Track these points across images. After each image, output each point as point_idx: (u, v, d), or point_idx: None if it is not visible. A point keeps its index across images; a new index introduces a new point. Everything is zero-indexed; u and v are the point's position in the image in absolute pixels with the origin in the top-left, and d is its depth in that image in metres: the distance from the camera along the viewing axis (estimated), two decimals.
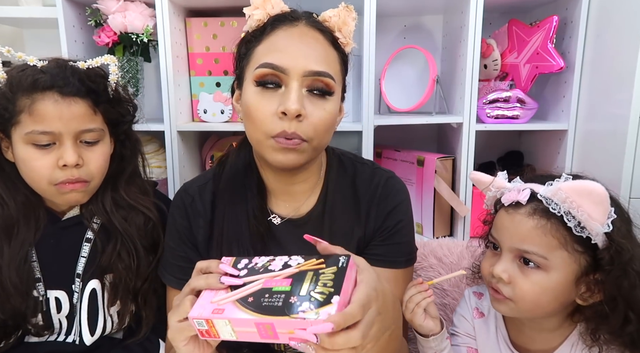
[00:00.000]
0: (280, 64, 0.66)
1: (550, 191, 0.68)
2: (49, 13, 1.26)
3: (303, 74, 0.67)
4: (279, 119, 0.67)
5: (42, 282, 0.82)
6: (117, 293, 0.83)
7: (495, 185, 0.76)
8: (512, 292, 0.70)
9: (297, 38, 0.68)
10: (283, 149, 0.68)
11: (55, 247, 0.84)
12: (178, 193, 0.84)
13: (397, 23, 1.51)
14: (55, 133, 0.75)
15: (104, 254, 0.83)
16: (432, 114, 1.33)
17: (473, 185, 1.30)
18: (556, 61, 1.24)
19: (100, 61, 0.81)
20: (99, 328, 0.84)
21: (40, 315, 0.82)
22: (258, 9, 0.70)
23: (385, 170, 0.85)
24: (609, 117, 1.11)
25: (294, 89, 0.67)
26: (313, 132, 0.68)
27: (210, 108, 1.33)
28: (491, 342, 0.81)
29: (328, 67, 0.69)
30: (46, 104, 0.73)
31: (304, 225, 0.80)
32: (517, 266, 0.70)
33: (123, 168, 0.88)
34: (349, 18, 0.72)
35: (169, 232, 0.83)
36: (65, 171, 0.76)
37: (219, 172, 0.82)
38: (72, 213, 0.86)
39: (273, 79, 0.68)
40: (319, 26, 0.71)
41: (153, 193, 0.92)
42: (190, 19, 1.33)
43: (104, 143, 0.81)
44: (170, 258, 0.82)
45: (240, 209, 0.78)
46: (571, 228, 0.65)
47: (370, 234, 0.81)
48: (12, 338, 0.82)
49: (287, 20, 0.69)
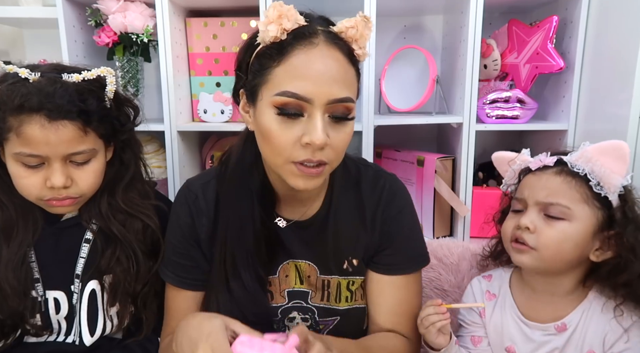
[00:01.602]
0: (304, 94, 0.63)
1: (575, 155, 0.77)
2: (49, 13, 1.26)
3: (327, 102, 0.64)
4: (301, 147, 0.65)
5: (41, 283, 0.82)
6: (116, 295, 0.83)
7: (521, 158, 0.84)
8: (536, 241, 0.76)
9: (318, 61, 0.64)
10: (305, 175, 0.67)
11: (55, 248, 0.83)
12: (181, 190, 0.83)
13: (397, 23, 1.51)
14: (42, 156, 0.73)
15: (103, 256, 0.82)
16: (432, 114, 1.33)
17: (473, 185, 1.30)
18: (556, 61, 1.24)
19: (97, 73, 0.77)
20: (98, 329, 0.84)
21: (38, 315, 0.82)
22: (272, 23, 0.64)
23: (387, 173, 0.85)
24: (609, 117, 1.11)
25: (318, 119, 0.64)
26: (335, 155, 0.68)
27: (210, 108, 1.33)
28: (505, 319, 0.84)
29: (349, 90, 0.66)
30: (33, 128, 0.70)
31: (309, 227, 0.80)
32: (542, 218, 0.76)
33: (122, 172, 0.86)
34: (367, 29, 0.68)
35: (171, 229, 0.82)
36: (52, 190, 0.75)
37: (223, 170, 0.81)
38: (71, 214, 0.85)
39: (295, 108, 0.64)
40: (336, 41, 0.66)
41: (154, 193, 0.92)
42: (190, 19, 1.33)
43: (96, 159, 0.79)
44: (171, 255, 0.81)
45: (244, 211, 0.76)
46: (592, 187, 0.74)
47: (377, 240, 0.81)
48: (10, 338, 0.82)
49: (305, 37, 0.65)
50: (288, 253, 0.81)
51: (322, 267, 0.81)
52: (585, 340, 0.78)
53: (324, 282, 0.81)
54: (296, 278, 0.81)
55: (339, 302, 0.81)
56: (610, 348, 0.76)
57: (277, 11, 0.64)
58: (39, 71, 0.75)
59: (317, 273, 0.81)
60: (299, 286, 0.81)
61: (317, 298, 0.81)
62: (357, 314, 0.82)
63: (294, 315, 0.81)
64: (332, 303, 0.81)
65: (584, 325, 0.78)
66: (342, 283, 0.81)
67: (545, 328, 0.80)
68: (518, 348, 0.82)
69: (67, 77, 0.75)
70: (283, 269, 0.81)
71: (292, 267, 0.81)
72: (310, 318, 0.81)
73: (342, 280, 0.81)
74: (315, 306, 0.81)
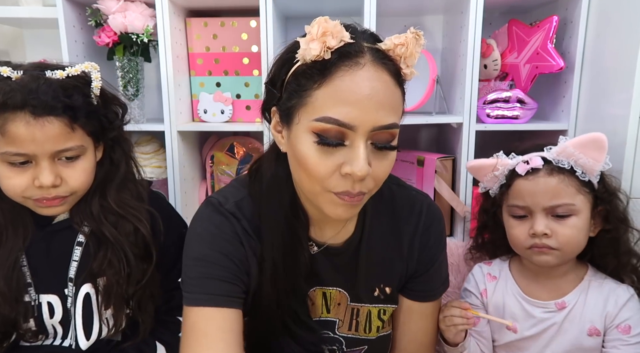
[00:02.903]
0: (347, 121, 0.58)
1: (556, 151, 0.83)
2: (49, 13, 1.26)
3: (372, 130, 0.59)
4: (341, 177, 0.60)
5: (33, 287, 0.81)
6: (109, 298, 0.81)
7: (501, 164, 0.87)
8: (556, 242, 0.81)
9: (365, 85, 0.58)
10: (345, 205, 0.63)
11: (46, 251, 0.82)
12: (213, 209, 0.73)
13: (397, 23, 1.51)
14: (29, 154, 0.71)
15: (95, 259, 0.81)
16: (432, 114, 1.33)
17: (473, 185, 1.30)
18: (556, 61, 1.24)
19: (81, 68, 0.75)
20: (94, 333, 0.83)
21: (32, 320, 0.80)
22: (315, 41, 0.58)
23: (422, 194, 0.81)
24: (609, 117, 1.11)
25: (361, 148, 0.59)
26: (374, 185, 0.64)
27: (211, 108, 1.33)
28: (506, 297, 0.90)
29: (395, 115, 0.61)
30: (17, 126, 0.69)
31: (341, 254, 0.76)
32: (553, 220, 0.81)
33: (113, 172, 0.84)
34: (417, 46, 0.62)
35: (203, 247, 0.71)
36: (41, 189, 0.73)
37: (257, 187, 0.74)
38: (62, 217, 0.84)
39: (337, 137, 0.59)
40: (384, 60, 0.60)
41: (148, 194, 0.89)
42: (191, 19, 1.33)
43: (85, 157, 0.77)
44: (205, 274, 0.70)
45: (284, 233, 0.71)
46: (578, 176, 0.81)
47: (413, 267, 0.79)
48: (4, 343, 0.80)
49: (350, 57, 0.58)
50: (318, 279, 0.76)
51: (352, 295, 0.78)
52: (584, 316, 0.84)
53: (353, 310, 0.78)
54: (322, 307, 0.78)
55: (368, 332, 0.78)
56: (611, 322, 0.82)
57: (322, 28, 0.58)
58: (22, 69, 0.73)
59: (348, 300, 0.78)
60: (326, 316, 0.78)
61: (344, 328, 0.78)
62: (385, 341, 0.81)
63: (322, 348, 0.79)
64: (360, 333, 0.78)
65: (582, 303, 0.84)
66: (373, 312, 0.79)
67: (545, 306, 0.86)
68: (519, 324, 0.87)
69: (51, 74, 0.73)
70: (310, 296, 0.77)
71: (319, 295, 0.78)
72: (338, 349, 0.79)
73: (373, 308, 0.79)
74: (342, 337, 0.78)
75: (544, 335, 0.85)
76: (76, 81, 0.74)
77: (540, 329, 0.85)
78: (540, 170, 0.82)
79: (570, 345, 0.84)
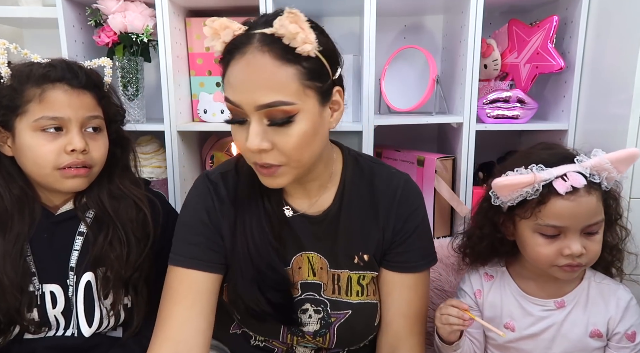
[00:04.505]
0: (234, 100, 0.68)
1: (591, 166, 0.76)
2: (49, 13, 1.26)
3: (255, 108, 0.66)
4: (250, 152, 0.70)
5: (37, 277, 0.83)
6: (109, 281, 0.85)
7: (539, 179, 0.76)
8: (587, 259, 0.77)
9: (244, 70, 0.67)
10: (265, 175, 0.72)
11: (49, 242, 0.85)
12: (201, 179, 0.85)
13: (397, 23, 1.51)
14: (64, 119, 0.79)
15: (95, 245, 0.85)
16: (432, 114, 1.33)
17: (473, 185, 1.30)
18: (556, 60, 1.24)
19: (98, 62, 0.88)
20: (96, 320, 0.85)
21: (35, 310, 0.82)
22: (212, 39, 0.70)
23: (402, 173, 0.86)
24: (609, 117, 1.11)
25: (252, 126, 0.68)
26: (285, 157, 0.70)
27: (210, 108, 1.33)
28: (504, 296, 0.88)
29: (279, 93, 0.66)
30: (57, 93, 0.79)
31: (320, 222, 0.82)
32: (583, 238, 0.77)
33: (115, 162, 0.90)
34: (294, 25, 0.64)
35: (188, 212, 0.83)
36: (72, 155, 0.80)
37: (241, 163, 0.83)
38: (66, 208, 0.87)
39: (237, 113, 0.69)
40: (269, 44, 0.66)
41: (145, 189, 0.94)
42: (190, 19, 1.33)
43: (104, 133, 0.87)
44: (184, 237, 0.81)
45: (258, 201, 0.81)
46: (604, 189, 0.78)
47: (389, 237, 0.83)
48: (8, 335, 0.82)
49: (238, 48, 0.67)
50: (299, 244, 0.82)
51: (332, 261, 0.83)
52: (585, 318, 0.82)
53: (334, 276, 0.83)
54: (309, 270, 0.83)
55: (350, 296, 0.82)
56: (616, 327, 0.81)
57: (210, 28, 0.69)
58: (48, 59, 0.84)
59: (328, 266, 0.83)
60: (312, 279, 0.83)
61: (329, 291, 0.83)
62: (368, 309, 0.83)
63: (307, 307, 0.82)
64: (342, 296, 0.82)
65: (583, 304, 0.83)
66: (353, 278, 0.83)
67: (544, 304, 0.85)
68: (517, 323, 0.86)
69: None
70: (296, 261, 0.83)
71: (305, 259, 0.83)
72: (323, 310, 0.82)
73: (353, 274, 0.83)
74: (327, 299, 0.82)
75: (543, 336, 0.84)
76: (96, 72, 0.86)
77: (540, 329, 0.84)
78: (580, 188, 0.75)
79: (573, 347, 0.83)
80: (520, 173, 0.78)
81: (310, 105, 0.69)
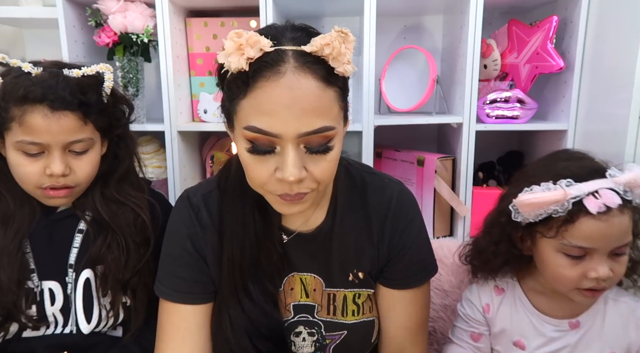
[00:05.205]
0: (271, 130, 0.58)
1: (624, 181, 0.69)
2: (49, 13, 1.26)
3: (297, 136, 0.59)
4: (277, 181, 0.62)
5: (36, 273, 0.83)
6: (107, 282, 0.84)
7: (569, 195, 0.69)
8: (611, 282, 0.72)
9: (285, 94, 0.57)
10: (289, 202, 0.65)
11: (49, 239, 0.85)
12: (182, 202, 0.79)
13: (397, 23, 1.51)
14: (43, 144, 0.76)
15: (94, 245, 0.85)
16: (432, 114, 1.33)
17: (473, 185, 1.30)
18: (556, 61, 1.24)
19: (96, 68, 0.82)
20: (94, 317, 0.85)
21: (34, 306, 0.82)
22: (232, 54, 0.58)
23: (394, 181, 0.82)
24: (609, 117, 1.11)
25: (289, 155, 0.60)
26: (316, 183, 0.64)
27: (211, 108, 1.33)
28: (514, 312, 0.83)
29: (325, 118, 0.60)
30: (35, 117, 0.75)
31: (313, 239, 0.78)
32: (610, 260, 0.71)
33: (116, 166, 0.89)
34: (346, 44, 0.60)
35: (171, 242, 0.78)
36: (51, 178, 0.78)
37: (224, 181, 0.78)
38: (65, 206, 0.87)
39: (266, 144, 0.60)
40: (309, 64, 0.59)
41: (147, 190, 0.93)
42: (191, 19, 1.33)
43: (93, 150, 0.83)
44: (169, 269, 0.77)
45: (248, 225, 0.74)
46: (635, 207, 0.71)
47: (385, 253, 0.79)
48: (7, 332, 0.82)
49: (271, 66, 0.58)
50: (292, 265, 0.78)
51: (327, 280, 0.79)
52: (602, 340, 0.77)
53: (330, 296, 0.79)
54: (301, 292, 0.79)
55: (345, 316, 0.79)
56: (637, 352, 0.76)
57: (234, 42, 0.58)
58: (41, 66, 0.79)
59: (323, 286, 0.79)
60: (305, 300, 0.79)
61: (323, 312, 0.79)
62: (365, 327, 0.80)
63: (300, 330, 0.79)
64: (338, 317, 0.79)
65: (600, 326, 0.77)
66: (348, 296, 0.79)
67: (558, 324, 0.79)
68: (528, 342, 0.81)
69: (68, 72, 0.79)
70: (288, 282, 0.79)
71: (297, 280, 0.79)
72: (317, 332, 0.79)
73: (348, 292, 0.79)
74: (321, 321, 0.79)
75: None
76: (90, 80, 0.81)
77: (551, 350, 0.79)
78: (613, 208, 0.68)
79: None
80: (548, 188, 0.71)
81: (342, 126, 0.65)
